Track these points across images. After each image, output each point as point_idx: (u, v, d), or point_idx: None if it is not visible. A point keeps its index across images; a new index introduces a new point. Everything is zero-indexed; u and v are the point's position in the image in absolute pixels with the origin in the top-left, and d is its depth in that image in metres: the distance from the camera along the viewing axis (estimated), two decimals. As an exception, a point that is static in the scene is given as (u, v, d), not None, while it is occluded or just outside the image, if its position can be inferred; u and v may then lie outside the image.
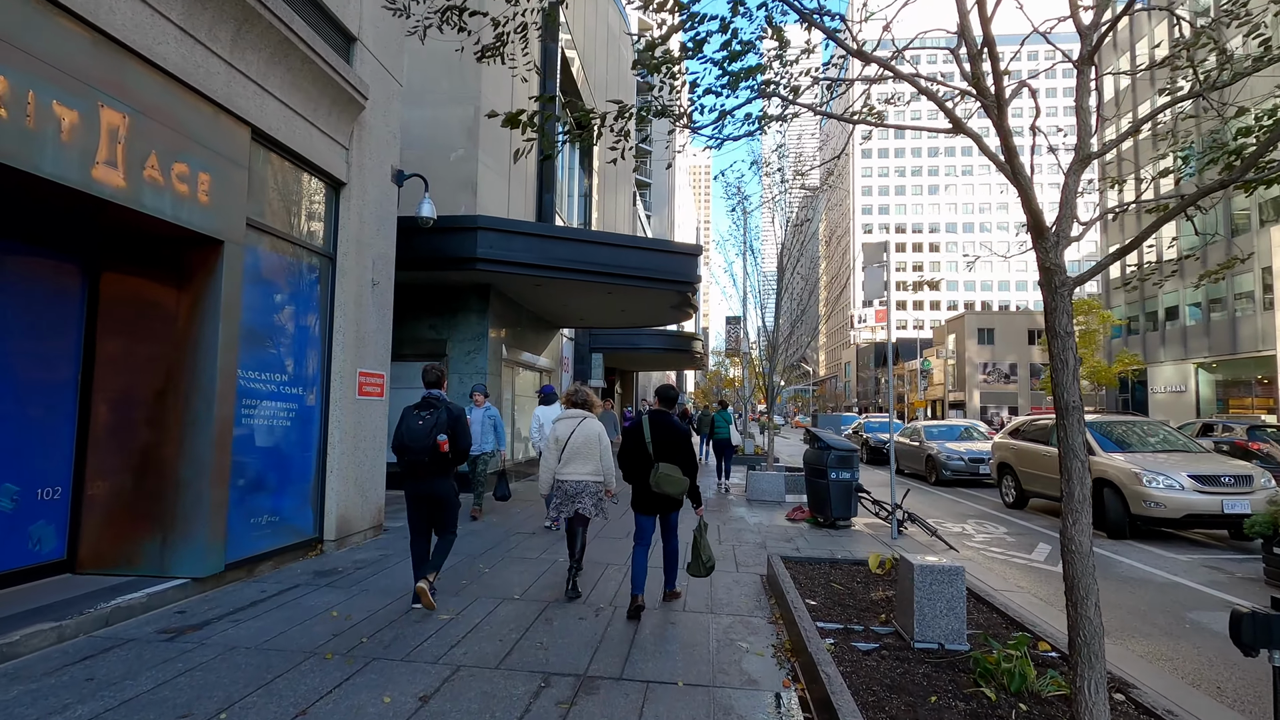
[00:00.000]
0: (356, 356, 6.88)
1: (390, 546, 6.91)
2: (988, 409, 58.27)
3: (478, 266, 10.08)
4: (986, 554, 8.13)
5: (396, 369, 11.77)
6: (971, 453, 15.25)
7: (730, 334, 28.56)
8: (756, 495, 11.66)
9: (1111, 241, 39.60)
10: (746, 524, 9.21)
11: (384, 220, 7.46)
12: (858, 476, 9.12)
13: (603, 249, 10.90)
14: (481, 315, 11.64)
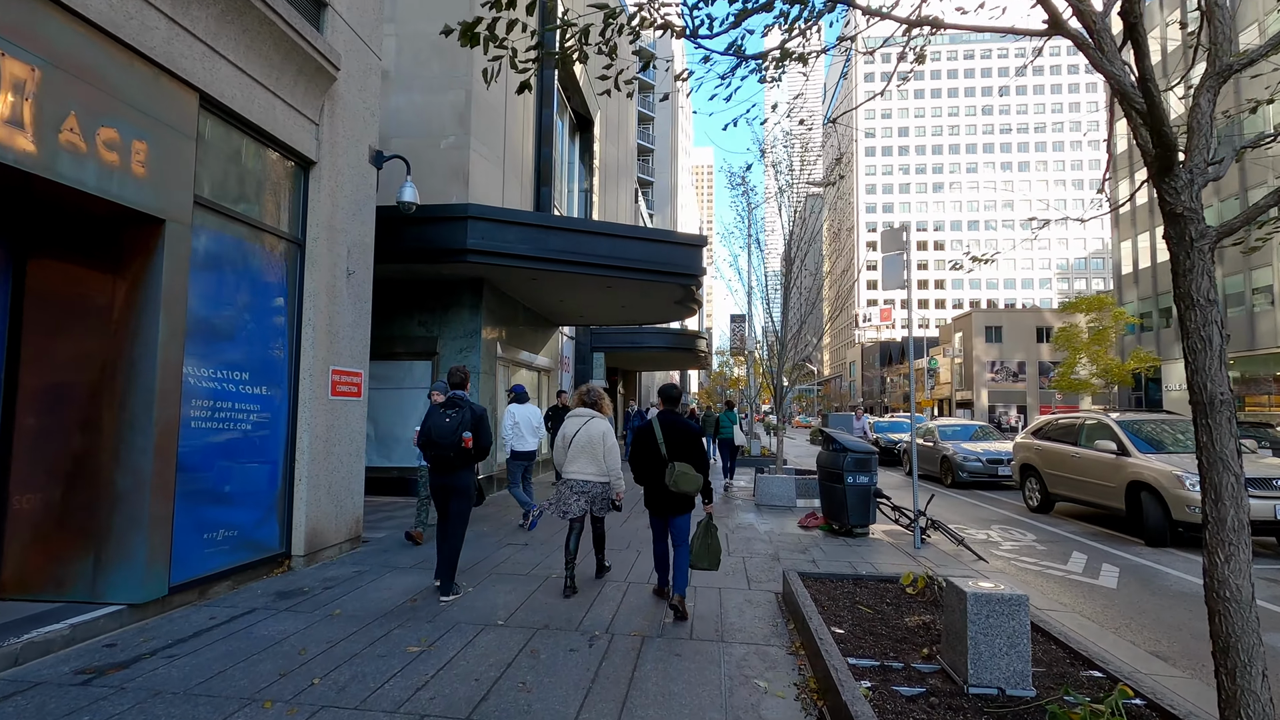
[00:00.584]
0: (329, 353, 6.27)
1: (367, 561, 6.29)
2: (995, 408, 57.51)
3: (468, 259, 9.47)
4: (1018, 564, 7.47)
5: (386, 368, 11.19)
6: (990, 453, 14.58)
7: (735, 332, 27.87)
8: (766, 500, 11.02)
9: (1123, 236, 38.83)
10: (757, 532, 8.58)
11: (360, 205, 6.85)
12: (876, 480, 8.48)
13: (601, 240, 10.28)
14: (474, 311, 11.02)
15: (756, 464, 18.47)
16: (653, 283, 11.00)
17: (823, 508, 8.94)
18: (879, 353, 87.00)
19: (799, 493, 11.02)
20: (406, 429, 10.94)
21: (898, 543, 8.11)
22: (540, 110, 15.67)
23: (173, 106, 4.55)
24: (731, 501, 11.37)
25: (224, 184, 5.22)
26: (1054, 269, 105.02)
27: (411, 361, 11.09)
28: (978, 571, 6.70)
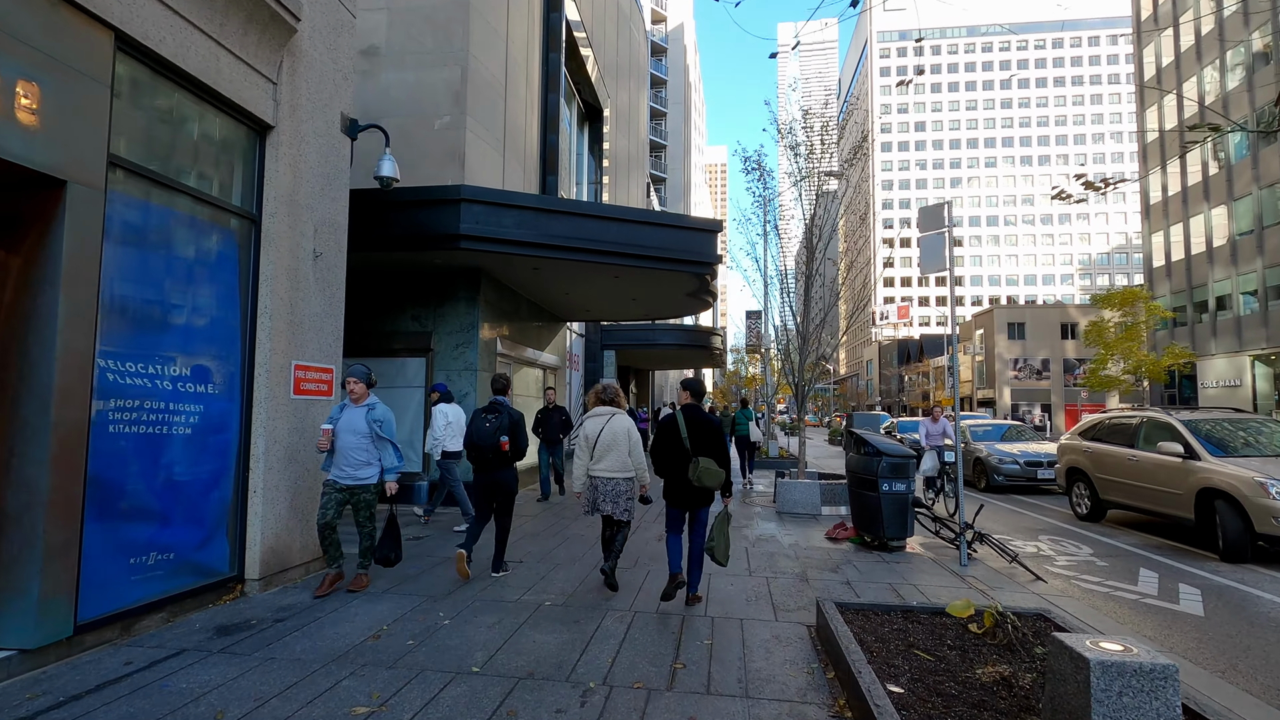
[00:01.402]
0: (291, 345, 5.47)
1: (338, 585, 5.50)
2: (1019, 406, 56.02)
3: (462, 245, 8.66)
4: (1080, 585, 6.54)
5: (377, 365, 10.40)
6: (1027, 455, 13.57)
7: (750, 329, 26.94)
8: (788, 507, 10.12)
9: (1155, 228, 37.38)
10: (780, 545, 7.70)
11: (331, 179, 6.05)
12: (914, 488, 7.57)
13: (608, 225, 9.43)
14: (471, 304, 10.22)
15: (775, 466, 17.56)
16: (665, 272, 10.14)
17: (853, 517, 8.05)
18: (897, 351, 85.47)
19: (824, 499, 10.12)
20: (400, 430, 10.16)
21: (939, 558, 7.19)
22: (546, 94, 14.87)
23: (78, 45, 3.76)
24: (750, 508, 10.49)
25: (153, 145, 4.43)
26: (1075, 264, 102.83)
27: (405, 358, 10.31)
28: (1042, 596, 5.78)
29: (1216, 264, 32.44)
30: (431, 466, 10.05)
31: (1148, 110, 37.85)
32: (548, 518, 9.11)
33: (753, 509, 10.47)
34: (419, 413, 10.19)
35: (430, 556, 6.68)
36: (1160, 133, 36.42)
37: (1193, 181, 34.06)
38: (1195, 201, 33.84)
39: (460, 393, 10.08)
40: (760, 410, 29.60)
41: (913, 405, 74.38)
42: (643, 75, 29.68)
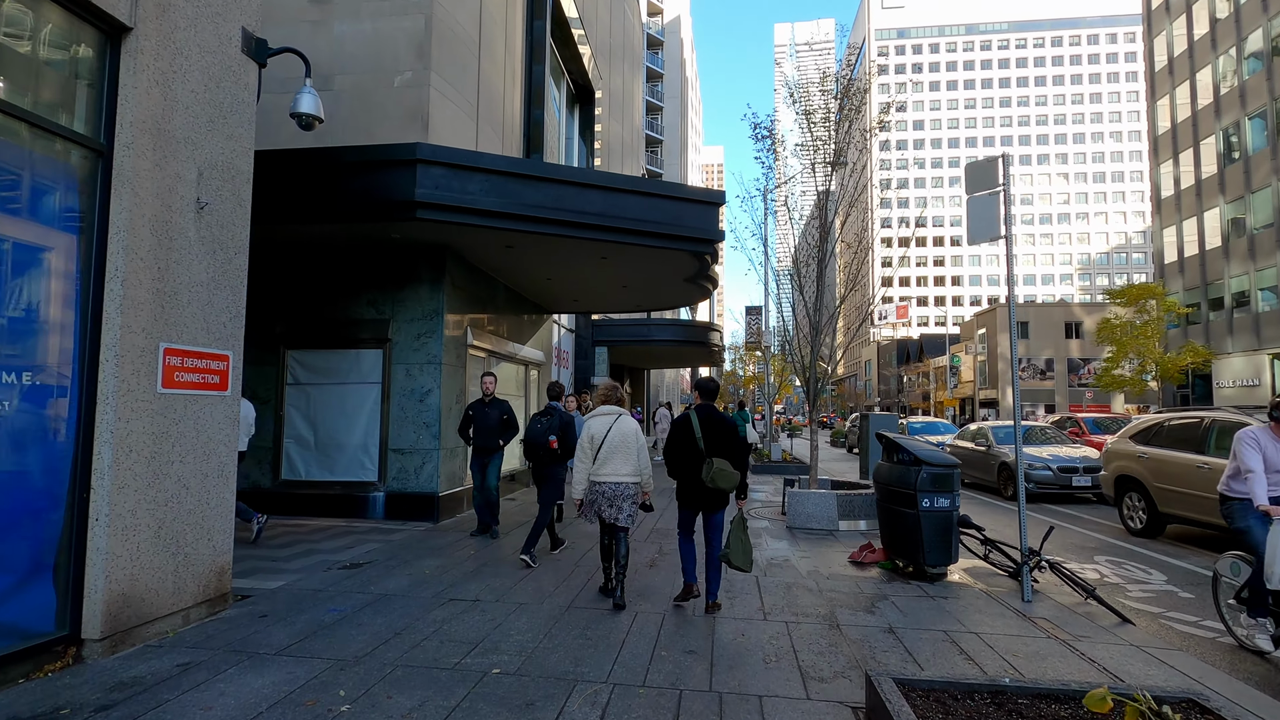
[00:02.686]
0: (158, 322, 4.12)
1: (214, 642, 4.11)
2: (1022, 407, 54.83)
3: (419, 215, 7.32)
4: (1178, 629, 5.23)
5: (327, 358, 9.05)
6: (1060, 459, 12.27)
7: (750, 325, 25.63)
8: (800, 521, 8.79)
9: (1166, 222, 36.19)
10: (796, 572, 6.37)
11: (226, 110, 4.69)
12: (959, 503, 6.25)
13: (593, 194, 8.09)
14: (435, 288, 8.86)
15: (779, 471, 16.24)
16: (658, 251, 8.81)
17: (884, 538, 6.72)
18: (896, 351, 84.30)
19: (840, 512, 8.79)
20: (353, 433, 8.81)
21: (992, 589, 5.88)
22: (530, 65, 13.55)
23: None
24: (755, 521, 9.15)
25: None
26: (1075, 264, 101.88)
27: (359, 350, 8.95)
28: (1144, 650, 4.45)
29: (1233, 259, 31.25)
30: (388, 478, 8.70)
31: (1159, 101, 36.67)
32: (487, 555, 7.77)
33: (758, 522, 9.14)
34: (375, 412, 8.83)
35: (362, 592, 5.33)
36: (1172, 124, 35.24)
37: (1207, 174, 32.87)
38: (1210, 194, 32.64)
39: (422, 389, 8.73)
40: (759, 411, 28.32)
41: (913, 406, 73.17)
42: (637, 60, 28.36)
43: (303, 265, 9.12)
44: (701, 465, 4.84)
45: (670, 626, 4.64)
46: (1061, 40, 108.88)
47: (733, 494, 4.95)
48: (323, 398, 8.95)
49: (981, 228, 6.02)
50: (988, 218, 5.98)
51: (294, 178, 7.41)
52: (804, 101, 10.78)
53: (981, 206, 6.05)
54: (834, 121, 10.34)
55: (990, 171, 6.02)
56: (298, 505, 8.74)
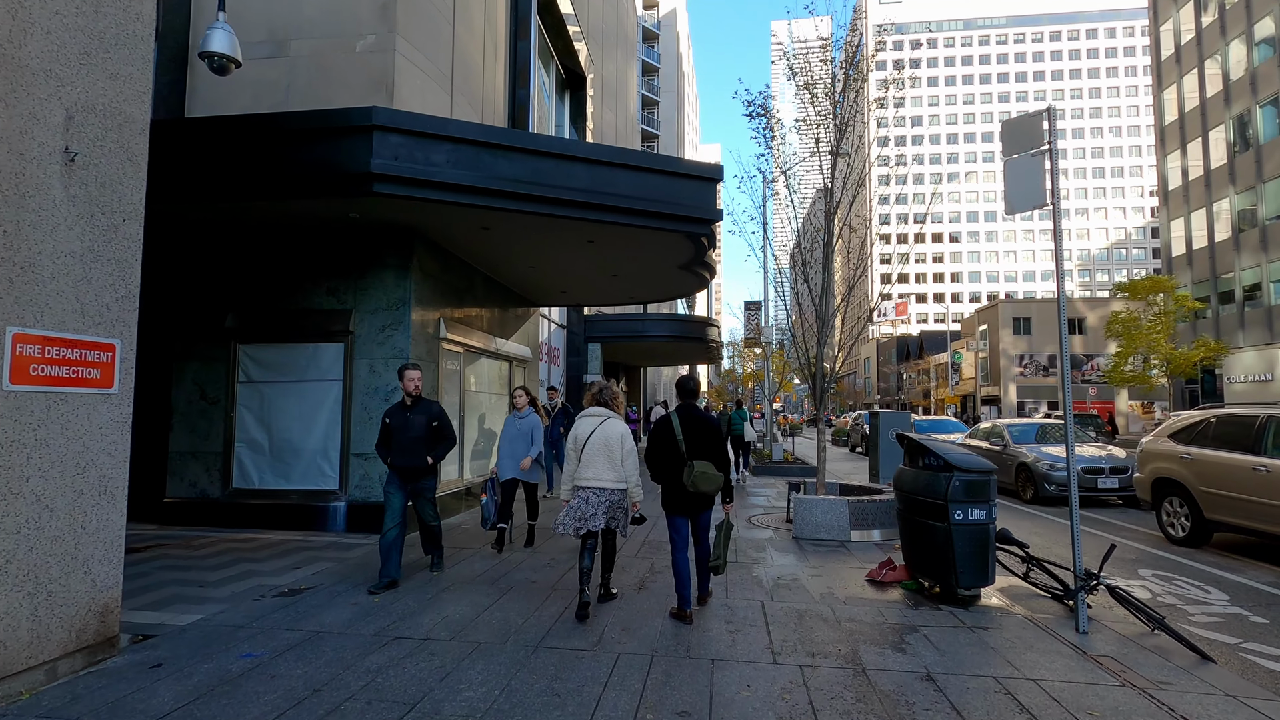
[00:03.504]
0: (3, 301, 3.24)
1: (78, 707, 3.26)
2: (1024, 404, 53.97)
3: (376, 190, 6.44)
4: (1259, 663, 4.38)
5: (281, 353, 8.16)
6: (1083, 460, 11.41)
7: (749, 321, 24.78)
8: (808, 531, 7.93)
9: (1174, 214, 35.37)
10: (807, 594, 5.51)
11: (107, 41, 3.81)
12: (996, 515, 5.39)
13: (577, 167, 7.22)
14: (401, 275, 7.99)
15: (781, 472, 15.38)
16: (650, 232, 7.94)
17: (906, 553, 5.87)
18: (895, 348, 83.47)
19: (854, 520, 7.93)
20: (311, 436, 7.94)
21: (1037, 615, 5.03)
22: (514, 41, 12.69)
23: None
24: (759, 530, 8.30)
25: None
26: (1074, 260, 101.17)
27: (318, 345, 8.08)
28: (1244, 703, 3.60)
29: (1244, 251, 30.45)
30: (350, 486, 7.83)
31: (1165, 91, 35.84)
32: (454, 575, 6.91)
33: (761, 532, 8.28)
34: (335, 412, 7.96)
35: (292, 629, 4.45)
36: (1180, 114, 34.43)
37: (1216, 164, 32.05)
38: (1219, 185, 31.83)
39: (388, 387, 7.85)
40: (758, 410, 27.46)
41: (913, 403, 72.37)
42: (631, 48, 27.47)
43: (255, 250, 8.24)
44: (683, 469, 4.70)
45: (659, 674, 3.78)
46: (1060, 35, 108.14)
47: (720, 497, 4.89)
48: (278, 397, 8.08)
49: (1022, 195, 5.16)
50: (1030, 183, 5.12)
51: (235, 148, 6.53)
52: (805, 73, 9.93)
53: (1021, 170, 5.18)
54: (839, 89, 9.49)
55: (1032, 129, 5.16)
56: (250, 517, 7.86)
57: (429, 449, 5.76)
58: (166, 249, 8.34)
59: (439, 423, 5.86)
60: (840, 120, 9.79)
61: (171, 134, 6.54)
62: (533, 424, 7.16)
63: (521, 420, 7.16)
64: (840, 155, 8.98)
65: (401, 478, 5.68)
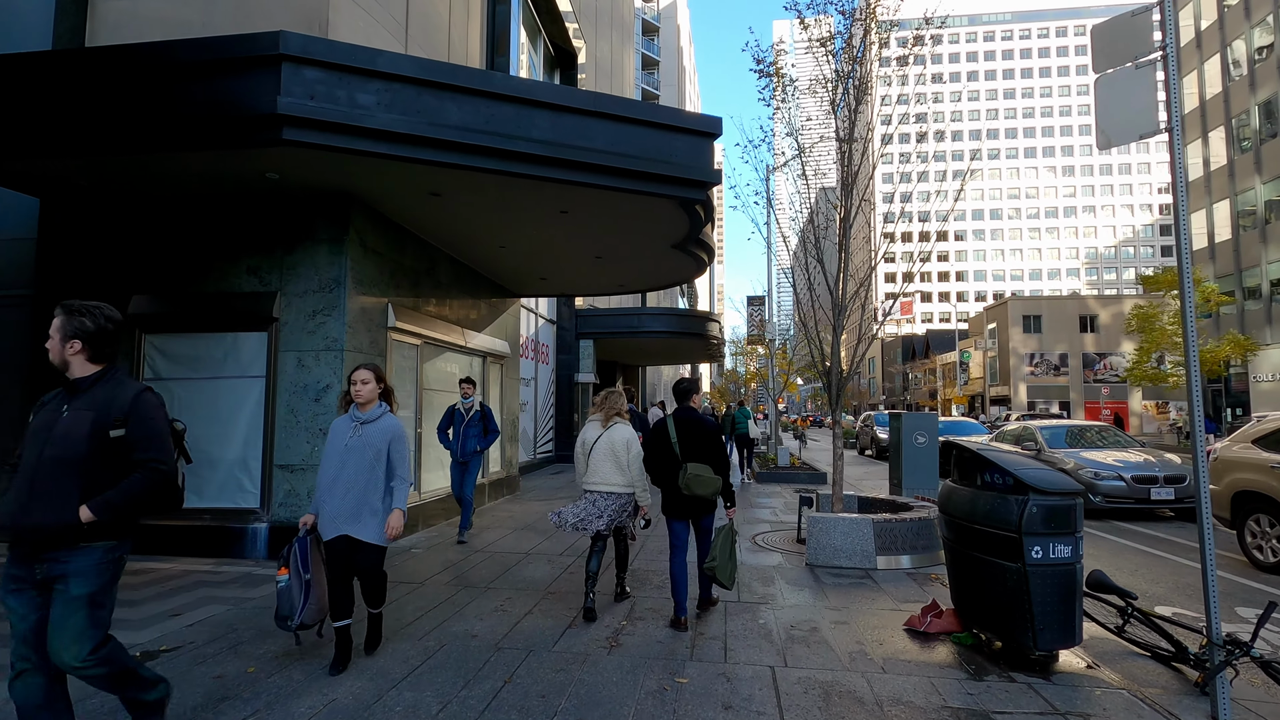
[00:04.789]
0: None
1: None
2: (1035, 404, 52.53)
3: (286, 136, 5.12)
4: None
5: (193, 344, 6.79)
6: (1132, 467, 10.06)
7: (752, 317, 23.44)
8: (825, 556, 6.59)
9: (1195, 206, 33.95)
10: (831, 651, 4.18)
11: None
12: (1083, 552, 4.05)
13: (541, 114, 5.90)
14: (335, 250, 6.67)
15: (788, 479, 14.04)
16: (634, 197, 6.62)
17: (956, 596, 4.54)
18: (901, 347, 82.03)
19: (879, 544, 6.59)
20: (228, 444, 6.63)
21: (1144, 691, 3.69)
22: (493, 2, 11.44)
23: None
24: (766, 554, 6.96)
25: None
26: (1082, 258, 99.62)
27: (237, 334, 6.76)
28: None
29: (1270, 243, 29.03)
30: (273, 504, 6.51)
31: (1185, 77, 34.41)
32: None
33: (768, 556, 6.94)
34: (257, 415, 6.64)
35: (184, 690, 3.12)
36: (1200, 101, 33.02)
37: (1240, 153, 30.63)
38: (1244, 175, 30.42)
39: (319, 384, 6.54)
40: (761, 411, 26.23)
41: (919, 403, 70.95)
42: (627, 31, 26.16)
43: (163, 223, 6.93)
44: (678, 472, 4.65)
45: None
46: (1066, 30, 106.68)
47: (721, 502, 4.81)
48: (190, 397, 6.76)
49: (1123, 121, 3.82)
50: (1134, 104, 3.78)
51: (114, 88, 5.22)
52: (820, 26, 8.63)
53: (1121, 88, 3.85)
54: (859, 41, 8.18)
55: (1135, 32, 3.82)
56: (155, 542, 6.53)
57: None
58: (59, 223, 7.04)
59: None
60: (860, 79, 8.51)
61: (34, 71, 5.24)
62: (390, 430, 3.93)
63: (369, 426, 3.86)
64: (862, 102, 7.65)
65: None
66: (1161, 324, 26.78)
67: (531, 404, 15.90)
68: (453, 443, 7.62)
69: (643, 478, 4.93)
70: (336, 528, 3.78)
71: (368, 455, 3.80)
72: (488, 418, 7.79)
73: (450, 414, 7.71)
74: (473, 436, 7.60)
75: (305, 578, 3.77)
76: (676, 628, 4.62)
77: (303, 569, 3.78)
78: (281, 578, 3.74)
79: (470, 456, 7.60)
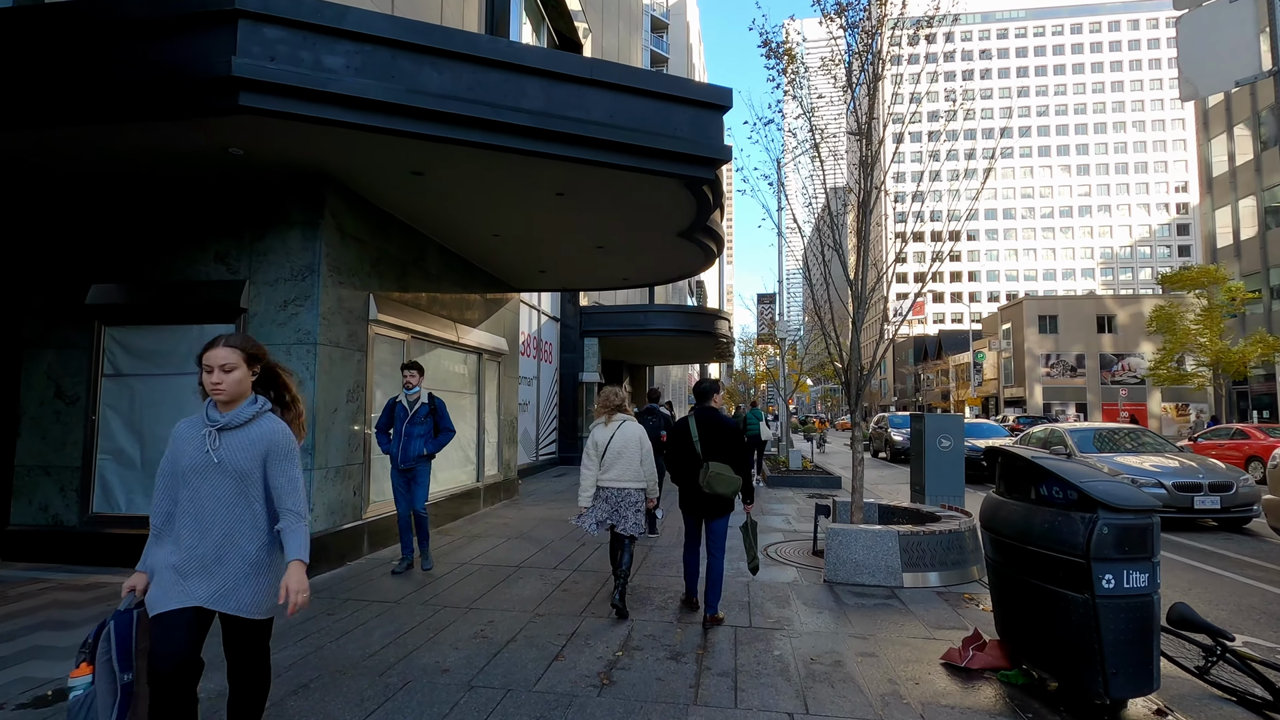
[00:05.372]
0: None
1: None
2: (1051, 406, 51.53)
3: (244, 103, 4.56)
4: None
5: (153, 336, 6.22)
6: (1172, 473, 9.37)
7: (763, 315, 22.79)
8: (845, 573, 5.96)
9: (1219, 202, 33.01)
10: (858, 690, 3.57)
11: None
12: (1160, 579, 3.41)
13: (531, 82, 5.32)
14: (308, 235, 6.11)
15: (802, 484, 13.40)
16: (636, 177, 6.03)
17: (1003, 626, 3.91)
18: (913, 348, 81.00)
19: (905, 559, 5.95)
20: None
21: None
22: (490, -19, 10.88)
23: None
24: (781, 568, 6.35)
25: None
26: (1097, 259, 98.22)
27: (203, 326, 6.20)
28: None
29: (1300, 240, 28.11)
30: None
31: (1209, 70, 33.51)
32: (326, 659, 5.01)
33: (782, 571, 6.32)
34: (224, 416, 6.09)
35: None
36: (1225, 94, 32.08)
37: (1268, 147, 29.71)
38: (1271, 169, 29.49)
39: (290, 382, 5.96)
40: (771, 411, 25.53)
41: (932, 405, 69.97)
42: (635, 22, 25.57)
43: (125, 205, 6.39)
44: (699, 470, 4.71)
45: None
46: (1081, 28, 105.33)
47: (740, 499, 4.84)
48: (153, 395, 6.22)
49: (1212, 67, 3.20)
50: (1228, 44, 3.15)
51: (54, 50, 4.68)
52: None
53: (1209, 29, 3.23)
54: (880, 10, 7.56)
55: (1228, -39, 3.19)
56: (113, 551, 6.00)
57: None
58: (10, 205, 6.52)
59: None
60: (877, 52, 7.90)
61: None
62: (266, 439, 2.47)
63: (232, 434, 2.41)
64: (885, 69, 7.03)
65: None
66: (1185, 324, 25.93)
67: (534, 404, 15.33)
68: (393, 445, 6.12)
69: (655, 472, 5.11)
70: (183, 593, 2.30)
71: (227, 480, 2.38)
72: (439, 413, 6.28)
73: (390, 409, 6.18)
74: (418, 437, 6.10)
75: (123, 680, 2.23)
76: (688, 608, 4.97)
77: (120, 665, 2.23)
78: (77, 681, 2.21)
79: (415, 462, 6.10)
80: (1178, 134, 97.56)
